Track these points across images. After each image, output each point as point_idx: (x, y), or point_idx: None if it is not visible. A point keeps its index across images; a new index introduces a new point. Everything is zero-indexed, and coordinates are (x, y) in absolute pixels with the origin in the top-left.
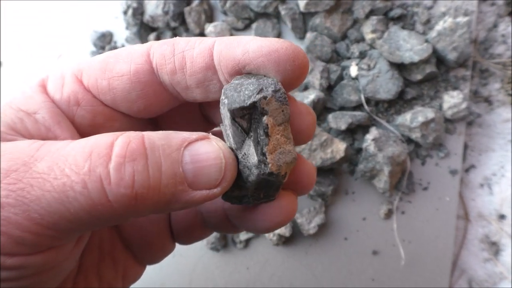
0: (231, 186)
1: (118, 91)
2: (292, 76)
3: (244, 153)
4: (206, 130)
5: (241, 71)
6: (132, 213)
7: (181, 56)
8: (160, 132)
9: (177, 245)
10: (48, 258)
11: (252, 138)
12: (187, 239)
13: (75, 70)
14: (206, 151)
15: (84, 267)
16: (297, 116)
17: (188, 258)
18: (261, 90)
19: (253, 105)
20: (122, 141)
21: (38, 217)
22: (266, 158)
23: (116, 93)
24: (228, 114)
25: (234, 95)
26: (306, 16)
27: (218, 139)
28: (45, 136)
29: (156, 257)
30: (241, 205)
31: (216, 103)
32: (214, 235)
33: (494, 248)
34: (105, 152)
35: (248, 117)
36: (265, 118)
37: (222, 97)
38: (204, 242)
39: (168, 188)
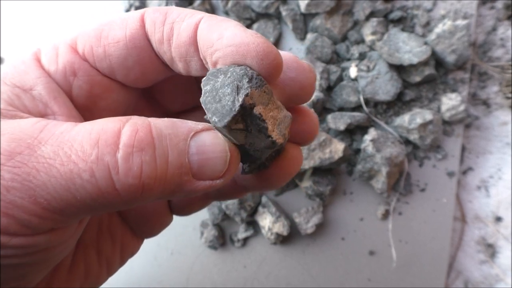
0: (230, 178)
1: (114, 57)
2: (262, 73)
3: (250, 142)
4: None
5: (212, 55)
6: (138, 201)
7: (170, 27)
8: (166, 120)
9: (175, 244)
10: (52, 238)
11: (252, 132)
12: (187, 211)
13: (68, 40)
14: (212, 143)
15: (83, 242)
16: (300, 72)
17: (186, 256)
18: (238, 88)
19: (241, 108)
20: (129, 129)
21: (45, 202)
22: (272, 137)
23: (112, 60)
24: (224, 129)
25: (217, 107)
26: (306, 17)
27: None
28: (44, 112)
29: (153, 230)
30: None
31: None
32: (213, 234)
33: (491, 250)
34: (112, 140)
35: (240, 117)
36: (255, 110)
37: (207, 114)
38: (202, 240)
39: (173, 178)
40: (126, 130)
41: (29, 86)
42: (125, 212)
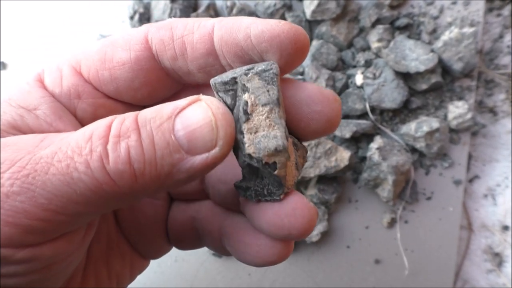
0: (231, 145)
1: (121, 80)
2: (294, 58)
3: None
4: None
5: (244, 56)
6: (138, 191)
7: (181, 41)
8: (154, 106)
9: (179, 251)
10: (59, 247)
11: (234, 115)
12: (181, 246)
13: (72, 61)
14: (194, 113)
15: (93, 257)
16: (325, 104)
17: (190, 263)
18: (249, 69)
19: (234, 80)
20: (117, 122)
21: (46, 202)
22: (244, 137)
23: (119, 83)
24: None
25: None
26: (312, 24)
27: (210, 97)
28: (47, 131)
29: (153, 255)
30: (242, 231)
31: None
32: None
33: (497, 259)
34: (104, 133)
35: (232, 93)
36: (245, 95)
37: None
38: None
39: (164, 159)
40: (115, 122)
41: (34, 106)
42: (127, 234)
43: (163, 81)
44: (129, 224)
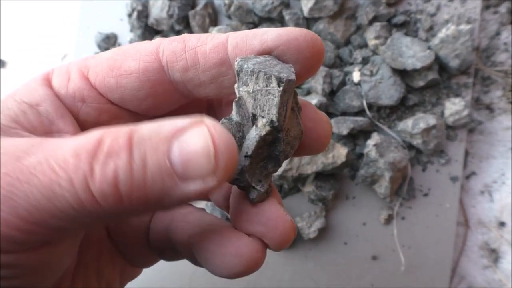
0: (230, 175)
1: (127, 89)
2: (311, 63)
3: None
4: None
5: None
6: (123, 212)
7: (193, 52)
8: (155, 122)
9: None
10: (42, 256)
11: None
12: (163, 256)
13: (81, 66)
14: (194, 139)
15: (84, 262)
16: (318, 123)
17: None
18: (289, 74)
19: (291, 81)
20: (110, 138)
21: (26, 214)
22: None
23: (124, 92)
24: (276, 86)
25: (271, 69)
26: (309, 21)
27: (213, 121)
28: (48, 129)
29: (142, 264)
30: (208, 239)
31: (226, 100)
32: None
33: (494, 255)
34: (92, 149)
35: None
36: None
37: (251, 68)
38: None
39: (155, 183)
40: (107, 138)
41: (36, 102)
42: (116, 243)
43: (170, 94)
44: (116, 231)
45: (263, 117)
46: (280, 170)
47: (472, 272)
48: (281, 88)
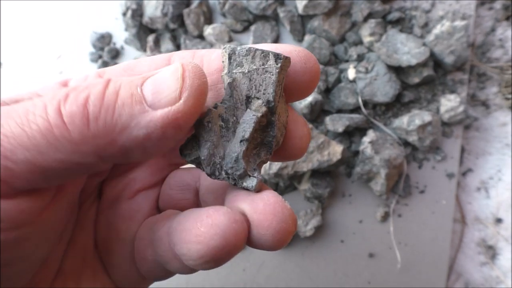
0: (197, 100)
1: None
2: (303, 79)
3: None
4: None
5: None
6: (89, 143)
7: (200, 59)
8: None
9: None
10: (22, 204)
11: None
12: (151, 275)
13: (100, 71)
14: (166, 69)
15: (65, 270)
16: (297, 124)
17: None
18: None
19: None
20: (94, 76)
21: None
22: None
23: None
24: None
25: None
26: (304, 18)
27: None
28: None
29: (124, 283)
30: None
31: None
32: None
33: (491, 251)
34: (74, 86)
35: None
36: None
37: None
38: None
39: (124, 108)
40: (91, 76)
41: None
42: (99, 248)
43: None
44: (103, 244)
45: (258, 98)
46: (275, 168)
47: (469, 269)
48: (279, 65)
